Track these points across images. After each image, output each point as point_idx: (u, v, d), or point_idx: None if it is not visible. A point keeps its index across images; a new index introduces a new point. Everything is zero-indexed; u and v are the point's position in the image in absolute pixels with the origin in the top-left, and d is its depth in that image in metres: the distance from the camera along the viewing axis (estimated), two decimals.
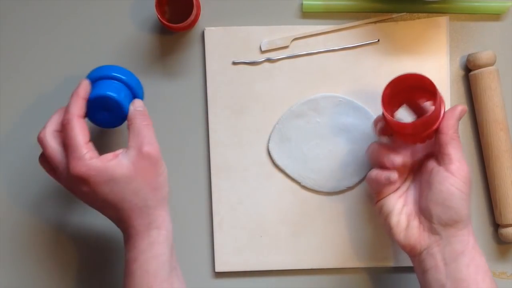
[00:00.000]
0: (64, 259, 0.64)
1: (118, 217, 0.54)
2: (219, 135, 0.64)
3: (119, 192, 0.52)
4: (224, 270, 0.64)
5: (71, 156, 0.52)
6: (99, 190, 0.52)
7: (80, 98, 0.54)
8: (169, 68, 0.64)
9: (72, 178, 0.52)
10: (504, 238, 0.63)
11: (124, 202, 0.53)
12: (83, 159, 0.51)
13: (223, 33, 0.63)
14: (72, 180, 0.52)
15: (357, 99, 0.63)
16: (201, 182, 0.64)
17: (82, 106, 0.54)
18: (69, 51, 0.64)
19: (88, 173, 0.51)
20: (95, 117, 0.56)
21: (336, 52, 0.64)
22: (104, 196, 0.52)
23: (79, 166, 0.51)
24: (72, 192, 0.55)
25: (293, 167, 0.63)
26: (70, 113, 0.53)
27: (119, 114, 0.56)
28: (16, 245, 0.64)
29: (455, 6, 0.63)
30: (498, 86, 0.62)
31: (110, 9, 0.64)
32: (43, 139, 0.54)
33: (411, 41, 0.64)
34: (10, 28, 0.64)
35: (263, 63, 0.64)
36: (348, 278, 0.65)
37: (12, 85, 0.64)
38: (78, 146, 0.52)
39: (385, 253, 0.64)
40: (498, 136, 0.62)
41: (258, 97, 0.64)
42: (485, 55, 0.62)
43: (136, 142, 0.54)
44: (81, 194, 0.54)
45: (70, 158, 0.52)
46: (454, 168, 0.54)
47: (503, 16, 0.65)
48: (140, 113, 0.56)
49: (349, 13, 0.64)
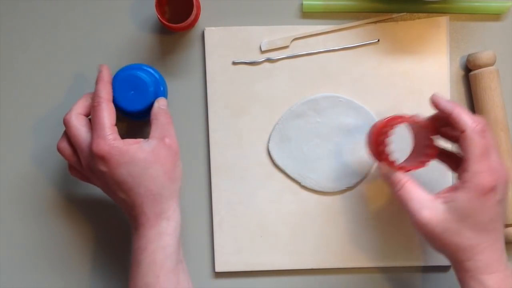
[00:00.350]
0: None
1: (131, 201, 0.54)
2: (219, 135, 0.64)
3: (137, 175, 0.54)
4: (224, 270, 0.64)
5: (96, 134, 0.54)
6: (117, 171, 0.53)
7: (106, 83, 0.57)
8: (169, 68, 0.64)
9: (94, 157, 0.54)
10: (504, 238, 0.63)
11: (140, 187, 0.54)
12: (107, 139, 0.53)
13: (223, 33, 0.63)
14: (93, 158, 0.54)
15: (357, 99, 0.63)
16: (201, 182, 0.64)
17: (110, 91, 0.57)
18: (69, 51, 0.64)
19: (110, 152, 0.53)
20: (121, 96, 0.58)
21: (336, 52, 0.64)
22: (121, 177, 0.54)
23: (101, 144, 0.53)
24: (90, 174, 0.56)
25: (293, 167, 0.63)
26: (100, 97, 0.55)
27: (144, 95, 0.58)
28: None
29: (455, 6, 0.63)
30: (498, 86, 0.62)
31: (110, 9, 0.64)
32: (69, 120, 0.56)
33: (411, 41, 0.64)
34: (10, 28, 0.64)
35: (263, 63, 0.64)
36: (348, 278, 0.65)
37: (12, 85, 0.64)
38: (104, 127, 0.54)
39: (385, 253, 0.64)
40: (498, 136, 0.62)
41: (258, 97, 0.64)
42: (485, 55, 0.62)
43: (158, 134, 0.56)
44: (99, 173, 0.54)
45: (95, 137, 0.54)
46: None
47: (503, 16, 0.65)
48: (164, 111, 0.58)
49: (349, 13, 0.64)
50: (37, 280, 0.65)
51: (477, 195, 0.50)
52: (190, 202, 0.64)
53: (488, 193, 0.50)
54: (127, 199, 0.55)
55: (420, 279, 0.65)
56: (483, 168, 0.51)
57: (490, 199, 0.51)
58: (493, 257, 0.52)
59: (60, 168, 0.64)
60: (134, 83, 0.58)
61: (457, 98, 0.65)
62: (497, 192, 0.51)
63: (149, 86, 0.58)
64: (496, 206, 0.51)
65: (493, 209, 0.51)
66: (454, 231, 0.51)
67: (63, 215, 0.65)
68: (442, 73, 0.64)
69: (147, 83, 0.58)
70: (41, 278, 0.65)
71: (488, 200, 0.51)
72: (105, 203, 0.64)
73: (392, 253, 0.64)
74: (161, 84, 0.61)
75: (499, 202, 0.51)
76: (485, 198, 0.50)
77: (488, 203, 0.51)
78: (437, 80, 0.64)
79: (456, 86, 0.65)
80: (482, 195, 0.50)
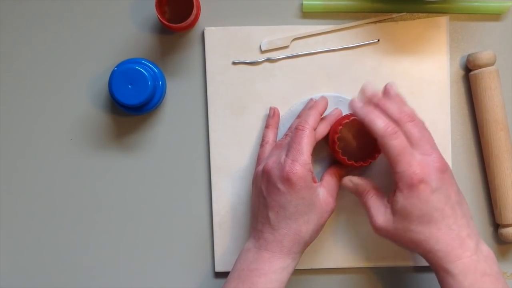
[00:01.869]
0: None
1: (276, 225, 0.55)
2: (219, 135, 0.64)
3: (299, 212, 0.55)
4: (224, 270, 0.64)
5: (293, 156, 0.55)
6: (289, 197, 0.55)
7: (318, 114, 0.59)
8: (169, 68, 0.64)
9: (281, 174, 0.55)
10: (504, 238, 0.63)
11: (294, 222, 0.55)
12: (305, 166, 0.55)
13: (223, 33, 0.63)
14: (280, 175, 0.55)
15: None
16: (201, 182, 0.64)
17: (318, 121, 0.58)
18: (69, 51, 0.64)
19: (300, 179, 0.54)
20: (119, 89, 0.58)
21: (336, 52, 0.64)
22: (287, 204, 0.55)
23: (296, 168, 0.54)
24: (259, 178, 0.57)
25: None
26: (308, 123, 0.57)
27: (142, 89, 0.58)
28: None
29: (455, 6, 0.63)
30: (498, 86, 0.62)
31: (110, 9, 0.64)
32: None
33: (411, 41, 0.64)
34: (9, 28, 0.64)
35: (263, 63, 0.64)
36: (348, 278, 0.65)
37: (12, 85, 0.64)
38: (304, 153, 0.55)
39: (385, 253, 0.64)
40: (498, 136, 0.62)
41: (258, 97, 0.64)
42: (485, 55, 0.62)
43: (330, 192, 0.58)
44: (271, 187, 0.55)
45: (291, 158, 0.55)
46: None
47: (503, 16, 0.65)
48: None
49: (349, 13, 0.64)
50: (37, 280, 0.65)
51: (409, 191, 0.52)
52: (190, 202, 0.64)
53: (418, 186, 0.52)
54: (275, 222, 0.56)
55: (421, 279, 0.65)
56: (404, 166, 0.52)
57: (423, 191, 0.52)
58: (452, 244, 0.52)
59: (61, 168, 0.64)
60: (133, 76, 0.58)
61: (457, 98, 0.65)
62: (429, 183, 0.52)
63: (148, 80, 0.58)
64: (434, 195, 0.52)
65: (431, 199, 0.52)
66: (405, 229, 0.53)
67: (65, 216, 0.65)
68: (442, 73, 0.64)
69: (146, 77, 0.58)
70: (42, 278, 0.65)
71: (422, 192, 0.52)
72: (106, 204, 0.64)
73: (392, 253, 0.64)
74: (160, 78, 0.61)
75: (436, 191, 0.52)
76: (418, 192, 0.52)
77: (422, 195, 0.52)
78: (437, 80, 0.64)
79: (456, 86, 0.65)
80: (413, 190, 0.52)
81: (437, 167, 0.53)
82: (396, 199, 0.53)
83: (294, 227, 0.55)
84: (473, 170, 0.65)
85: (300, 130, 0.56)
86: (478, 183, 0.65)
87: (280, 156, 0.56)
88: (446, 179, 0.53)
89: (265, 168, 0.57)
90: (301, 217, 0.55)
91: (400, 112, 0.54)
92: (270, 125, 0.62)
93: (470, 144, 0.65)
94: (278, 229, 0.55)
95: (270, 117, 0.63)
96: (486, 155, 0.63)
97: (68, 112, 0.64)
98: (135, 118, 0.64)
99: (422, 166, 0.52)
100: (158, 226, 0.64)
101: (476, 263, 0.52)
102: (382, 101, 0.55)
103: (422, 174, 0.52)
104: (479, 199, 0.65)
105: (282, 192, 0.55)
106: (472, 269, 0.51)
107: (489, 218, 0.65)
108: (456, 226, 0.52)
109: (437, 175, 0.52)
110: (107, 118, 0.64)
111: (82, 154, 0.64)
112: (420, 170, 0.52)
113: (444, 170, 0.53)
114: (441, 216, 0.52)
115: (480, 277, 0.51)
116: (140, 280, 0.65)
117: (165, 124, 0.64)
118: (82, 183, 0.64)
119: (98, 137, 0.64)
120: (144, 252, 0.64)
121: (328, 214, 0.57)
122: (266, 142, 0.61)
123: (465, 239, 0.52)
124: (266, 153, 0.60)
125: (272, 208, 0.56)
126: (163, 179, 0.64)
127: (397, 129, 0.53)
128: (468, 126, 0.65)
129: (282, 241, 0.55)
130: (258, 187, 0.58)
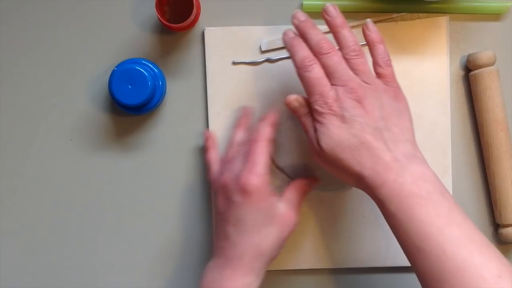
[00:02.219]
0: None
1: (236, 241, 0.55)
2: (219, 135, 0.64)
3: (258, 225, 0.55)
4: None
5: (249, 168, 0.55)
6: (247, 208, 0.54)
7: (272, 124, 0.58)
8: (169, 68, 0.64)
9: (237, 186, 0.54)
10: (504, 238, 0.63)
11: (254, 237, 0.54)
12: (260, 176, 0.54)
13: (223, 33, 0.63)
14: (236, 187, 0.55)
15: None
16: (201, 182, 0.64)
17: (272, 133, 0.58)
18: (69, 51, 0.64)
19: (256, 190, 0.54)
20: (119, 90, 0.58)
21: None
22: (245, 217, 0.54)
23: (252, 179, 0.54)
24: (216, 194, 0.57)
25: (293, 167, 0.63)
26: (261, 134, 0.57)
27: (142, 89, 0.58)
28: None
29: (455, 6, 0.63)
30: (498, 86, 0.62)
31: (110, 9, 0.64)
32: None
33: (411, 41, 0.64)
34: (9, 28, 0.64)
35: (263, 63, 0.64)
36: (348, 278, 0.65)
37: (11, 84, 0.64)
38: (259, 164, 0.55)
39: (385, 253, 0.64)
40: (498, 136, 0.62)
41: (258, 97, 0.64)
42: (485, 55, 0.62)
43: (293, 201, 0.58)
44: (228, 200, 0.55)
45: (247, 169, 0.55)
46: None
47: (503, 16, 0.65)
48: (307, 186, 0.60)
49: (349, 13, 0.64)
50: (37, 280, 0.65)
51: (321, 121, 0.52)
52: (190, 202, 0.64)
53: (329, 116, 0.51)
54: (234, 237, 0.55)
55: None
56: (315, 97, 0.52)
57: (335, 121, 0.51)
58: (376, 169, 0.50)
59: (61, 168, 0.64)
60: (133, 76, 0.58)
61: (457, 98, 0.65)
62: (340, 112, 0.51)
63: (148, 80, 0.58)
64: (347, 123, 0.51)
65: (345, 126, 0.51)
66: (331, 158, 0.52)
67: (65, 216, 0.65)
68: (442, 73, 0.64)
69: (145, 77, 0.58)
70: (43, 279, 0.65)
71: (334, 122, 0.51)
72: (106, 204, 0.64)
73: (392, 253, 0.64)
74: (160, 78, 0.61)
75: (350, 119, 0.51)
76: (331, 121, 0.51)
77: (335, 124, 0.51)
78: (437, 80, 0.64)
79: (456, 86, 0.65)
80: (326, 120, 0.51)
81: (351, 97, 0.51)
82: (316, 128, 0.52)
83: (254, 241, 0.54)
84: (473, 170, 0.65)
85: (256, 141, 0.56)
86: (478, 183, 0.65)
87: (234, 169, 0.56)
88: (365, 105, 0.51)
89: (221, 183, 0.57)
90: (261, 231, 0.55)
91: (317, 43, 0.54)
92: (239, 125, 0.62)
93: (470, 144, 0.65)
94: (237, 245, 0.55)
95: (241, 117, 0.62)
96: (486, 155, 0.63)
97: (68, 112, 0.64)
98: (135, 118, 0.64)
99: (335, 97, 0.52)
100: (158, 226, 0.64)
101: (401, 186, 0.49)
102: (306, 29, 0.55)
103: (333, 104, 0.51)
104: (479, 199, 0.65)
105: (239, 205, 0.54)
106: (396, 192, 0.49)
107: (489, 218, 0.65)
108: (378, 150, 0.50)
109: (351, 104, 0.51)
110: (107, 118, 0.64)
111: (82, 154, 0.64)
112: (331, 100, 0.51)
113: (361, 97, 0.51)
114: (359, 141, 0.50)
115: (405, 199, 0.48)
116: (140, 280, 0.65)
117: (165, 124, 0.64)
118: (82, 183, 0.64)
119: (98, 137, 0.64)
120: (144, 252, 0.64)
121: (290, 228, 0.57)
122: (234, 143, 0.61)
123: (389, 162, 0.50)
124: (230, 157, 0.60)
125: (231, 223, 0.55)
126: (163, 179, 0.64)
127: (313, 61, 0.53)
128: (468, 126, 0.65)
129: (242, 256, 0.54)
130: (216, 204, 0.58)
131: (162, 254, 0.65)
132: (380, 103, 0.52)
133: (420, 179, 0.49)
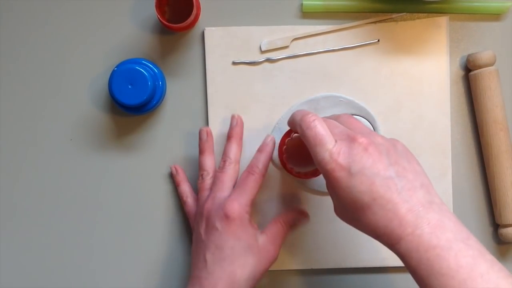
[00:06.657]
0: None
1: (210, 268, 0.55)
2: (219, 135, 0.64)
3: (236, 253, 0.55)
4: None
5: (236, 196, 0.56)
6: (227, 236, 0.55)
7: (269, 157, 0.59)
8: (169, 68, 0.64)
9: (219, 213, 0.56)
10: (504, 238, 0.63)
11: (230, 264, 0.54)
12: (243, 207, 0.56)
13: (223, 33, 0.63)
14: (219, 214, 0.56)
15: (357, 99, 0.63)
16: None
17: (268, 164, 0.59)
18: (69, 51, 0.64)
19: (240, 217, 0.55)
20: (119, 90, 0.58)
21: (336, 52, 0.64)
22: (224, 244, 0.55)
23: (235, 208, 0.55)
24: (198, 222, 0.58)
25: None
26: (258, 168, 0.58)
27: (142, 89, 0.58)
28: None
29: (455, 6, 0.63)
30: (498, 86, 0.62)
31: (110, 9, 0.64)
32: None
33: (411, 41, 0.64)
34: (9, 28, 0.64)
35: (263, 63, 0.64)
36: (348, 278, 0.65)
37: (11, 84, 0.64)
38: (247, 195, 0.57)
39: (385, 253, 0.64)
40: (498, 136, 0.62)
41: (258, 97, 0.64)
42: (485, 55, 0.62)
43: (272, 236, 0.58)
44: (209, 228, 0.56)
45: (233, 197, 0.56)
46: None
47: (503, 16, 0.65)
48: (288, 225, 0.61)
49: (349, 13, 0.64)
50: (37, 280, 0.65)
51: (328, 182, 0.49)
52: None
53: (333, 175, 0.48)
54: (211, 265, 0.55)
55: None
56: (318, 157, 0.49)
57: (340, 179, 0.48)
58: (391, 226, 0.46)
59: (61, 168, 0.64)
60: (133, 76, 0.58)
61: (457, 98, 0.65)
62: (345, 168, 0.48)
63: (148, 80, 0.58)
64: (354, 179, 0.47)
65: (352, 184, 0.47)
66: (348, 218, 0.50)
67: (65, 216, 0.65)
68: (442, 73, 0.64)
69: (146, 77, 0.58)
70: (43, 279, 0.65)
71: (339, 180, 0.48)
72: (106, 204, 0.64)
73: (392, 253, 0.63)
74: (160, 78, 0.61)
75: (355, 174, 0.47)
76: (336, 181, 0.48)
77: (341, 183, 0.48)
78: (437, 80, 0.64)
79: (456, 86, 0.65)
80: (331, 180, 0.48)
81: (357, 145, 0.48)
82: (328, 190, 0.50)
83: (229, 270, 0.54)
84: (473, 170, 0.65)
85: (251, 174, 0.58)
86: (478, 183, 0.65)
87: (218, 197, 0.57)
88: (371, 153, 0.48)
89: (205, 210, 0.57)
90: (237, 260, 0.55)
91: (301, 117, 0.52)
92: (205, 150, 0.62)
93: (470, 144, 0.65)
94: (212, 273, 0.55)
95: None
96: (486, 155, 0.63)
97: (68, 112, 0.64)
98: (135, 118, 0.64)
99: (336, 153, 0.48)
100: (158, 226, 0.64)
101: (419, 239, 0.45)
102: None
103: (333, 162, 0.48)
104: (479, 199, 0.65)
105: (220, 232, 0.55)
106: (414, 246, 0.45)
107: (489, 218, 0.65)
108: (392, 204, 0.46)
109: (357, 157, 0.47)
110: (107, 118, 0.64)
111: (82, 154, 0.64)
112: (336, 157, 0.48)
113: (367, 145, 0.48)
114: (371, 198, 0.46)
115: (424, 252, 0.45)
116: (140, 280, 0.65)
117: (165, 124, 0.64)
118: (82, 183, 0.64)
119: (98, 137, 0.64)
120: (143, 251, 0.64)
121: (268, 262, 0.57)
122: (208, 174, 0.62)
123: (404, 216, 0.46)
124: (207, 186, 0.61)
125: (210, 250, 0.55)
126: (163, 179, 0.64)
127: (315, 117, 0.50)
128: (468, 126, 0.65)
129: (216, 285, 0.54)
130: (197, 232, 0.58)
131: (166, 252, 0.65)
132: (386, 148, 0.49)
133: (439, 228, 0.45)
